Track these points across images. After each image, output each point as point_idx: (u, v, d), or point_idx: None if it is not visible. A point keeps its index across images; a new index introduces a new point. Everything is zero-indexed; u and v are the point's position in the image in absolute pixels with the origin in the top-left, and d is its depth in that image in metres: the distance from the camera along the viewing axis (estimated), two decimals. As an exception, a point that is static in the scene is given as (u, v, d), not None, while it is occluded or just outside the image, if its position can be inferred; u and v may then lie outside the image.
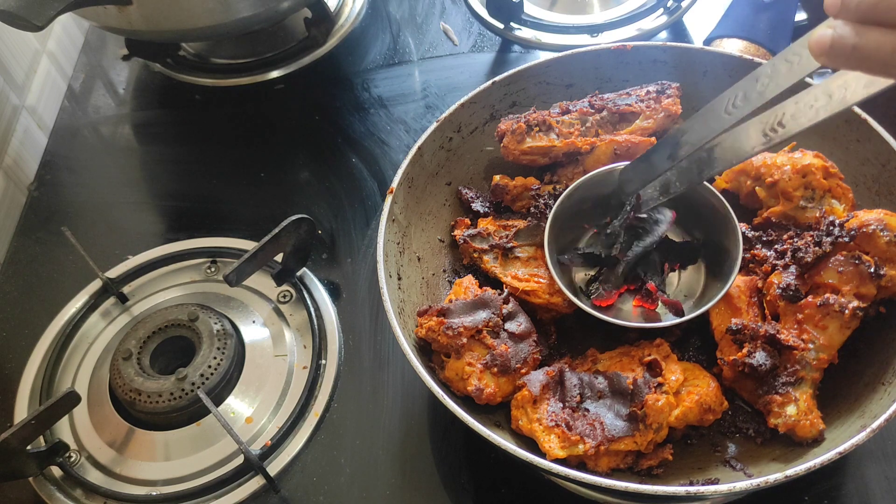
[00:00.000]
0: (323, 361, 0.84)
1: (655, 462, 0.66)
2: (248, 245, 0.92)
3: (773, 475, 0.58)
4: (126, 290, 0.93)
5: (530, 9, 1.17)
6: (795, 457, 0.65)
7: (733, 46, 0.99)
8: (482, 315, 0.72)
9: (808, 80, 0.77)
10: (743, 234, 0.73)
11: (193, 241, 0.96)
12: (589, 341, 0.76)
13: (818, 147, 0.78)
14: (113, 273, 0.93)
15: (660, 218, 0.77)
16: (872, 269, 0.67)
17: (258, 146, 1.09)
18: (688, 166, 0.71)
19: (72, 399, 0.76)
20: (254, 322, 0.87)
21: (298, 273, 0.90)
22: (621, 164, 0.77)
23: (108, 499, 0.77)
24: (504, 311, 0.73)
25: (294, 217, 0.84)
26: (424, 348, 0.73)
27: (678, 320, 0.72)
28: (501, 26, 1.16)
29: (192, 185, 1.06)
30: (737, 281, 0.71)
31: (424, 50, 1.18)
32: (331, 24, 1.19)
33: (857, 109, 0.77)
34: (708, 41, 1.02)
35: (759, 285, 0.73)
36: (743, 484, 0.58)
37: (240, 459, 0.77)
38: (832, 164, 0.75)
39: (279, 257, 0.88)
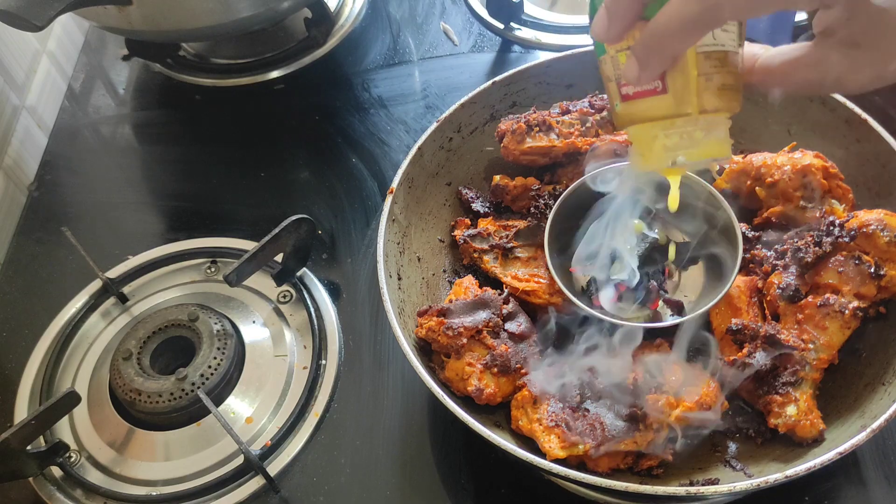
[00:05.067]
0: (323, 361, 0.84)
1: (655, 462, 0.66)
2: (248, 245, 0.92)
3: (773, 475, 0.58)
4: (126, 290, 0.93)
5: (530, 9, 1.17)
6: (795, 457, 0.65)
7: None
8: (482, 315, 0.72)
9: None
10: (743, 234, 0.73)
11: (193, 241, 0.96)
12: (589, 341, 0.76)
13: (818, 147, 0.78)
14: (113, 273, 0.93)
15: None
16: (872, 269, 0.67)
17: (258, 146, 1.09)
18: None
19: (72, 399, 0.76)
20: (254, 322, 0.87)
21: (298, 273, 0.90)
22: (622, 164, 0.77)
23: (108, 499, 0.77)
24: (504, 311, 0.73)
25: (294, 217, 0.84)
26: (424, 348, 0.73)
27: (679, 320, 0.72)
28: (501, 26, 1.16)
29: (192, 185, 1.06)
30: (737, 281, 0.71)
31: (424, 50, 1.18)
32: (331, 24, 1.19)
33: (857, 109, 0.77)
34: (708, 41, 1.02)
35: (759, 285, 0.73)
36: (743, 484, 0.58)
37: (240, 459, 0.77)
38: (832, 164, 0.75)
39: (279, 257, 0.88)
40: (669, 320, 0.73)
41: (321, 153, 1.07)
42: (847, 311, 0.67)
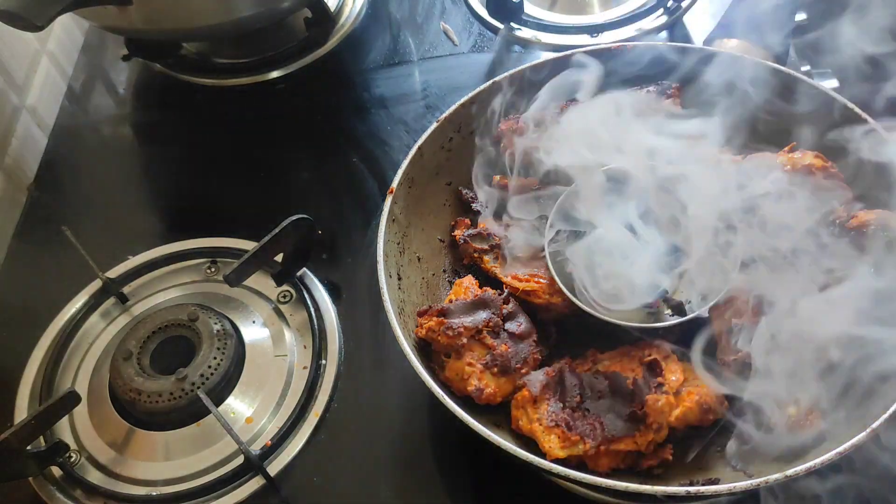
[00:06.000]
0: (323, 361, 0.84)
1: (655, 462, 0.66)
2: (248, 245, 0.92)
3: (773, 475, 0.58)
4: (126, 290, 0.93)
5: (530, 9, 1.17)
6: (795, 457, 0.65)
7: (733, 46, 0.99)
8: (482, 315, 0.72)
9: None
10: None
11: (193, 241, 0.96)
12: (589, 341, 0.76)
13: (818, 147, 0.78)
14: (113, 273, 0.93)
15: None
16: (872, 269, 0.67)
17: (258, 146, 1.09)
18: None
19: (72, 399, 0.76)
20: (254, 322, 0.87)
21: (298, 273, 0.90)
22: (622, 165, 0.77)
23: (108, 499, 0.77)
24: (504, 311, 0.73)
25: (294, 217, 0.84)
26: (424, 348, 0.73)
27: (679, 320, 0.72)
28: (501, 26, 1.16)
29: (192, 185, 1.06)
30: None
31: (424, 50, 1.18)
32: (331, 24, 1.19)
33: (857, 109, 0.77)
34: (708, 41, 1.02)
35: (760, 285, 0.73)
36: (743, 484, 0.58)
37: (240, 459, 0.77)
38: (832, 164, 0.75)
39: (279, 257, 0.88)
40: (670, 320, 0.73)
41: (321, 153, 1.07)
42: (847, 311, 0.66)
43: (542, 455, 0.64)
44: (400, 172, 0.80)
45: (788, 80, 0.80)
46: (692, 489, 0.61)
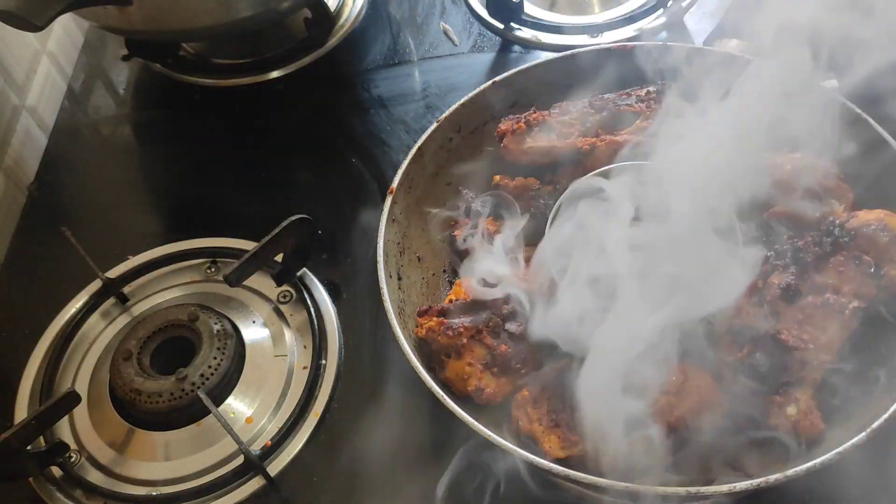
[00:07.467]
0: (323, 361, 0.84)
1: (655, 462, 0.66)
2: (248, 245, 0.92)
3: (773, 475, 0.58)
4: (126, 290, 0.93)
5: (530, 9, 1.17)
6: (795, 457, 0.65)
7: (733, 46, 0.99)
8: (482, 315, 0.72)
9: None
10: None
11: (193, 241, 0.96)
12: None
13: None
14: (113, 273, 0.93)
15: None
16: (872, 269, 0.67)
17: (258, 146, 1.09)
18: None
19: (72, 399, 0.76)
20: (254, 322, 0.87)
21: (298, 273, 0.90)
22: (622, 165, 0.77)
23: (108, 499, 0.77)
24: (504, 311, 0.73)
25: (294, 217, 0.84)
26: (424, 348, 0.73)
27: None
28: (501, 26, 1.16)
29: (192, 185, 1.06)
30: (737, 281, 0.71)
31: (424, 50, 1.18)
32: (331, 24, 1.19)
33: (857, 109, 0.77)
34: (708, 41, 1.02)
35: (760, 285, 0.73)
36: (743, 484, 0.58)
37: (240, 459, 0.77)
38: (832, 165, 0.75)
39: (279, 257, 0.88)
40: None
41: (321, 153, 1.07)
42: (847, 311, 0.67)
43: (543, 455, 0.64)
44: (400, 172, 0.80)
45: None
46: (692, 489, 0.61)
